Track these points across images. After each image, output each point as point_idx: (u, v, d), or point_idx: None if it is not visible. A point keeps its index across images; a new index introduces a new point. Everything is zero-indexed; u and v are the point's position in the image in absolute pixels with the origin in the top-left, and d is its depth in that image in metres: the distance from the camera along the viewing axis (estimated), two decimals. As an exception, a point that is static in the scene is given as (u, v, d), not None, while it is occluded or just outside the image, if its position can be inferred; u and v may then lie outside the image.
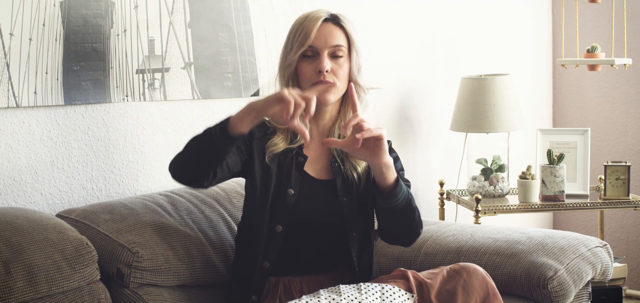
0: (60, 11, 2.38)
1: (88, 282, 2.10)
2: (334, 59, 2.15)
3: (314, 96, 1.93)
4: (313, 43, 2.13)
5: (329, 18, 2.16)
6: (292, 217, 2.14)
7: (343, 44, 2.15)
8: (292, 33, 2.17)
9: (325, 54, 2.13)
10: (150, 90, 2.60)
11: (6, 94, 2.28)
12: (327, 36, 2.14)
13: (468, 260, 2.38)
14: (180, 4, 2.65)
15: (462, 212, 3.50)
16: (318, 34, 2.13)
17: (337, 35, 2.15)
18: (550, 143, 3.47)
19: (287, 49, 2.18)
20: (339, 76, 2.15)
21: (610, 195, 3.34)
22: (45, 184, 2.40)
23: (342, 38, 2.16)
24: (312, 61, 2.14)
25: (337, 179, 2.20)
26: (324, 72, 2.12)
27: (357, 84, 2.19)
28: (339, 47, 2.14)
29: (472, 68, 3.60)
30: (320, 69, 2.12)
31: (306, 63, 2.15)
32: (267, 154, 2.17)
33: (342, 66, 2.15)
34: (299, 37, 2.14)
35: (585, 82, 3.95)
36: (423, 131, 3.51)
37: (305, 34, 2.13)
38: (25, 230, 2.06)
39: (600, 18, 3.83)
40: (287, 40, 2.19)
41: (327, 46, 2.13)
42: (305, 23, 2.14)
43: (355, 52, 2.17)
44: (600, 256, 2.49)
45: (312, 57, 2.15)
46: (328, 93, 2.14)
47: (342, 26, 2.16)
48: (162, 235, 2.26)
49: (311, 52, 2.14)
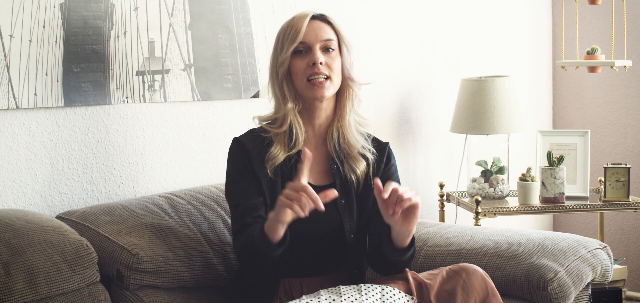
0: (60, 13, 2.38)
1: (88, 283, 2.09)
2: (326, 52, 2.16)
3: (307, 162, 1.93)
4: (304, 38, 2.14)
5: (316, 16, 2.19)
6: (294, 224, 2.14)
7: (333, 39, 2.18)
8: (281, 34, 2.19)
9: (317, 47, 2.15)
10: (150, 92, 2.60)
11: (6, 96, 2.28)
12: (317, 31, 2.16)
13: (468, 262, 2.38)
14: (180, 5, 2.65)
15: (462, 214, 3.50)
16: (308, 29, 2.15)
17: (327, 30, 2.17)
18: (550, 144, 3.47)
19: (277, 51, 2.19)
20: (333, 69, 2.16)
21: (610, 197, 3.34)
22: (45, 186, 2.40)
23: (331, 33, 2.18)
24: (305, 56, 2.16)
25: (336, 181, 2.20)
26: (318, 65, 2.13)
27: (351, 80, 2.20)
28: (330, 40, 2.17)
29: (472, 70, 3.60)
30: (314, 61, 2.13)
31: (299, 59, 2.16)
32: (268, 167, 2.16)
33: (334, 60, 2.17)
34: (289, 35, 2.15)
35: (585, 84, 3.95)
36: (423, 132, 3.51)
37: (295, 31, 2.14)
38: (25, 232, 2.05)
39: (600, 20, 3.83)
40: (276, 42, 2.20)
41: (319, 40, 2.15)
42: (294, 22, 2.17)
43: (346, 48, 2.20)
44: (600, 258, 2.49)
45: (304, 52, 2.16)
46: (323, 89, 2.15)
47: (329, 23, 2.19)
48: (162, 237, 2.26)
49: (303, 47, 2.16)
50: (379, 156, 2.26)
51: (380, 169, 2.26)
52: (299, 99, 2.18)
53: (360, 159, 2.22)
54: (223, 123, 2.79)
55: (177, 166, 2.70)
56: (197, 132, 2.74)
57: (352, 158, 2.21)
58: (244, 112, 2.82)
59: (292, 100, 2.17)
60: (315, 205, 1.88)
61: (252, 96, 2.84)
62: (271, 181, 2.16)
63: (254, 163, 2.16)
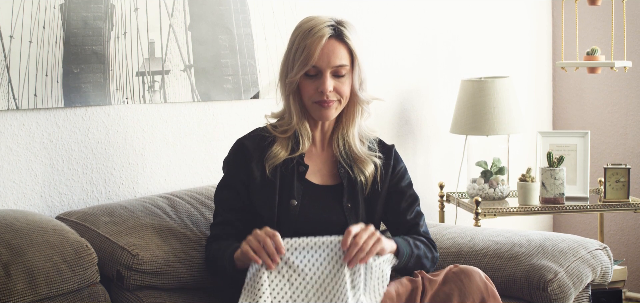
0: (60, 13, 2.38)
1: (88, 284, 2.09)
2: (337, 78, 2.13)
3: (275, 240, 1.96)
4: (316, 63, 2.10)
5: (333, 35, 2.11)
6: (297, 226, 2.13)
7: (346, 64, 2.12)
8: (295, 46, 2.13)
9: (328, 73, 2.11)
10: (150, 92, 2.60)
11: (6, 97, 2.28)
12: (330, 55, 2.10)
13: (468, 263, 2.38)
14: (180, 6, 2.65)
15: (462, 215, 3.49)
16: (321, 53, 2.09)
17: (340, 55, 2.11)
18: (550, 145, 3.47)
19: (288, 64, 2.15)
20: (342, 93, 2.14)
21: (610, 198, 3.34)
22: (45, 187, 2.40)
23: (345, 57, 2.12)
24: (315, 79, 2.12)
25: (344, 183, 2.19)
26: (327, 93, 2.11)
27: (357, 98, 2.17)
28: (342, 66, 2.11)
29: (472, 71, 3.60)
30: (323, 90, 2.11)
31: (308, 81, 2.13)
32: (267, 166, 2.16)
33: (344, 84, 2.13)
34: (301, 56, 2.10)
35: (585, 84, 3.95)
36: (423, 133, 3.51)
37: (307, 54, 2.09)
38: (25, 233, 2.05)
39: (600, 20, 3.83)
40: (288, 51, 2.16)
41: (330, 66, 2.11)
42: (308, 42, 2.09)
43: (358, 67, 2.14)
44: (600, 258, 2.49)
45: (315, 76, 2.12)
46: (330, 110, 2.14)
47: (345, 42, 2.12)
48: (162, 237, 2.26)
49: (314, 71, 2.12)
50: (385, 160, 2.25)
51: (388, 175, 2.25)
52: (305, 111, 2.19)
53: (368, 162, 2.21)
54: (223, 124, 2.79)
55: (177, 167, 2.70)
56: (197, 133, 2.74)
57: (360, 161, 2.21)
58: (243, 113, 2.82)
59: (298, 115, 2.17)
60: (279, 252, 1.95)
61: (252, 97, 2.84)
62: (268, 180, 2.16)
63: (252, 162, 2.16)
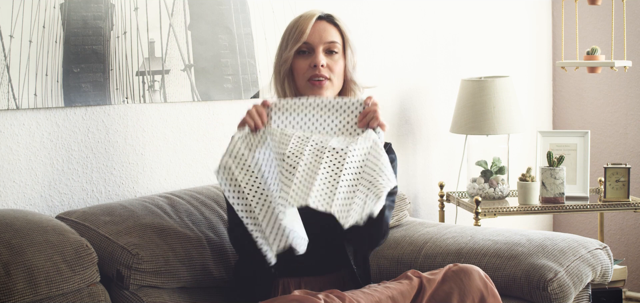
0: (60, 13, 2.38)
1: (88, 283, 2.09)
2: (329, 55, 2.18)
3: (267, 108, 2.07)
4: (308, 39, 2.16)
5: (323, 16, 2.20)
6: None
7: (338, 41, 2.19)
8: (287, 32, 2.21)
9: (320, 49, 2.17)
10: (150, 92, 2.60)
11: (6, 96, 2.28)
12: (321, 32, 2.17)
13: (468, 262, 2.38)
14: (180, 6, 2.65)
15: (462, 214, 3.50)
16: (313, 30, 2.16)
17: (332, 32, 2.19)
18: (550, 145, 3.47)
19: (282, 48, 2.22)
20: (334, 71, 2.18)
21: (610, 197, 3.34)
22: (45, 186, 2.40)
23: (336, 35, 2.19)
24: (307, 57, 2.17)
25: None
26: (319, 67, 2.15)
27: (353, 83, 2.22)
28: (333, 43, 2.18)
29: (472, 70, 3.60)
30: (316, 63, 2.15)
31: (301, 59, 2.18)
32: None
33: (337, 62, 2.18)
34: (294, 35, 2.17)
35: (585, 84, 3.95)
36: (423, 133, 3.51)
37: (300, 30, 2.16)
38: (25, 232, 2.05)
39: (600, 20, 3.83)
40: (282, 40, 2.23)
41: (322, 42, 2.17)
42: (300, 21, 2.18)
43: (350, 50, 2.21)
44: (600, 258, 2.49)
45: (307, 53, 2.17)
46: (323, 89, 2.16)
47: (336, 24, 2.20)
48: (162, 237, 2.26)
49: (306, 48, 2.17)
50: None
51: None
52: (300, 96, 2.19)
53: None
54: (223, 123, 2.79)
55: (177, 166, 2.70)
56: (197, 132, 2.74)
57: None
58: (243, 113, 2.82)
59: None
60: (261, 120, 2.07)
61: (252, 96, 2.84)
62: None
63: None
